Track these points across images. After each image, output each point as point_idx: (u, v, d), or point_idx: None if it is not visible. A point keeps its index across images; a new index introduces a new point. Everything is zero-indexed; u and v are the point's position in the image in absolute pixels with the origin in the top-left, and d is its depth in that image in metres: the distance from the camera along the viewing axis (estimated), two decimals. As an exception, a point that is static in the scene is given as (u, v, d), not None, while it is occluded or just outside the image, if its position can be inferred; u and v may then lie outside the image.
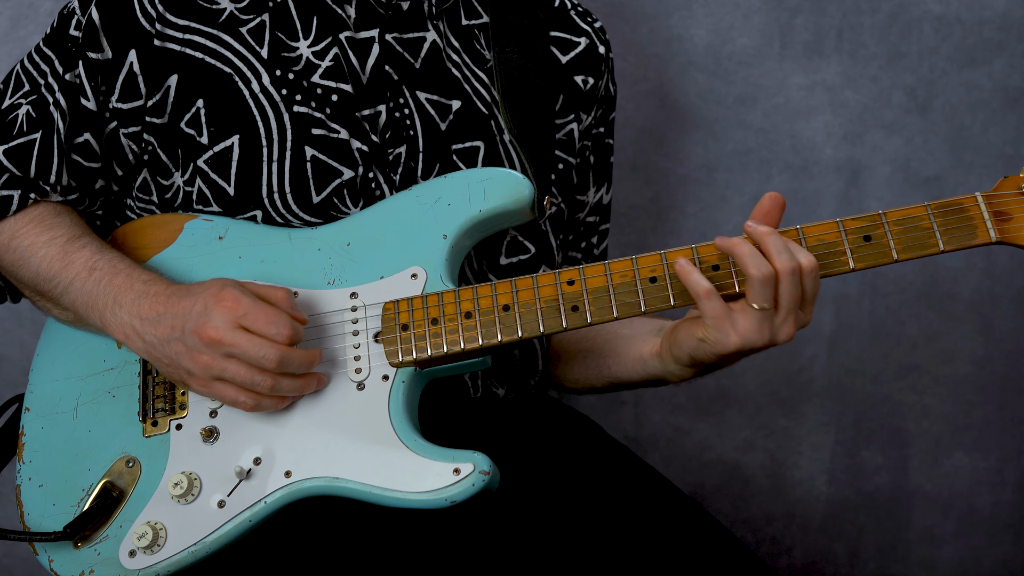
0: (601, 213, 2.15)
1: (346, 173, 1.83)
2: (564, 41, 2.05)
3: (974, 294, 2.83)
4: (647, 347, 1.83)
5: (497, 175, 1.78)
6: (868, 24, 2.71)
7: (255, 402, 1.65)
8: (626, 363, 1.88)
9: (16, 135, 1.85)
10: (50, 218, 1.83)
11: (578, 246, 2.13)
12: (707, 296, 1.60)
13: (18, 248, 1.82)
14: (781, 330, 1.62)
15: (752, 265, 1.57)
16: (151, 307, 1.69)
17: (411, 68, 1.90)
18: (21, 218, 1.83)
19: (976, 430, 2.92)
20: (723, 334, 1.61)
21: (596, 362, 1.96)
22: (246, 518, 1.66)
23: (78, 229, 1.83)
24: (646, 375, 1.85)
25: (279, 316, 1.63)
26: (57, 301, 1.81)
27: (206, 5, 1.86)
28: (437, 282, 1.73)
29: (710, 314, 1.61)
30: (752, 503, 2.94)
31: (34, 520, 1.75)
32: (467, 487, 1.60)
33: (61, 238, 1.80)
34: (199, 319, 1.63)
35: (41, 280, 1.80)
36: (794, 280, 1.58)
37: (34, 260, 1.81)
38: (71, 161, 1.87)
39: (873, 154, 2.76)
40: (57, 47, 1.87)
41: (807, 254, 1.60)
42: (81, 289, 1.76)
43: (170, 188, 1.88)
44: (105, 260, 1.77)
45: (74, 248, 1.79)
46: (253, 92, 1.83)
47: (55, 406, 1.81)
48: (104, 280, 1.75)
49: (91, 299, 1.75)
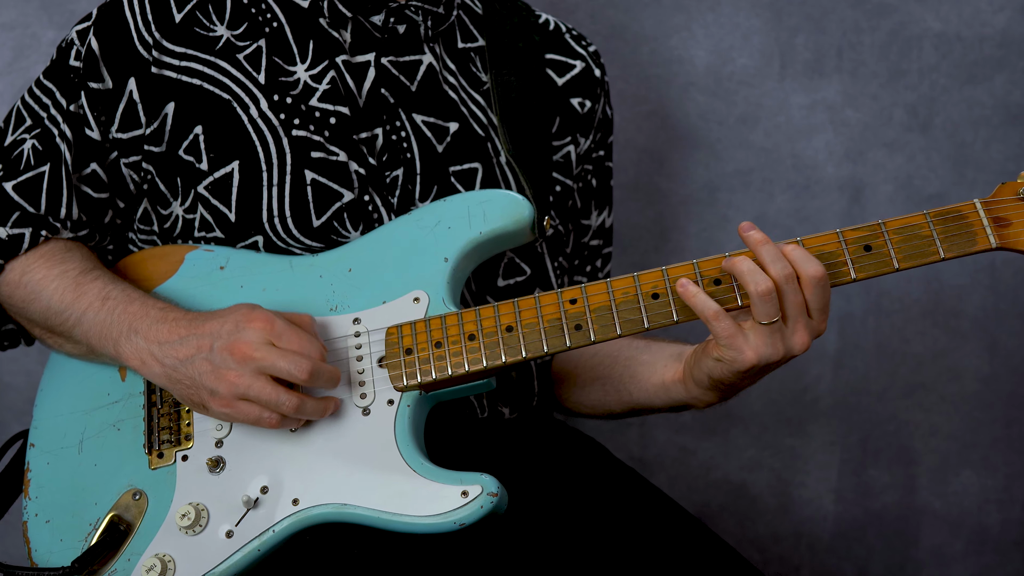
0: (604, 236, 2.15)
1: (346, 195, 1.83)
2: (560, 63, 2.06)
3: (979, 311, 2.83)
4: (668, 373, 1.83)
5: (497, 197, 1.78)
6: (868, 42, 2.71)
7: (277, 422, 1.65)
8: (648, 389, 1.88)
9: (24, 169, 1.85)
10: (61, 253, 1.84)
11: (583, 270, 2.13)
12: (715, 318, 1.60)
13: (29, 283, 1.82)
14: (794, 340, 1.61)
15: (750, 282, 1.57)
16: (171, 331, 1.69)
17: (407, 91, 1.91)
18: (32, 255, 1.84)
19: (984, 447, 2.90)
20: (737, 352, 1.61)
21: (616, 388, 1.95)
22: (255, 547, 1.65)
23: (89, 263, 1.84)
24: (670, 401, 1.84)
25: (311, 339, 1.65)
26: (69, 335, 1.80)
27: (203, 32, 1.87)
28: (439, 305, 1.73)
29: (722, 334, 1.61)
30: (759, 522, 2.93)
31: (42, 556, 1.74)
32: (475, 509, 1.60)
33: (73, 271, 1.81)
34: (230, 336, 1.63)
35: (52, 314, 1.80)
36: (792, 288, 1.58)
37: (45, 293, 1.80)
38: (80, 193, 1.87)
39: (875, 172, 2.76)
40: (58, 79, 1.87)
41: (815, 263, 1.59)
42: (94, 319, 1.76)
43: (169, 217, 1.88)
44: (119, 290, 1.78)
45: (86, 280, 1.79)
46: (252, 117, 1.84)
47: (60, 441, 1.81)
48: (119, 309, 1.75)
49: (104, 328, 1.75)
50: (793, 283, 1.58)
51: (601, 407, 2.01)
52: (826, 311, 1.62)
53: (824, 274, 1.59)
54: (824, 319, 1.63)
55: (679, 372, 1.80)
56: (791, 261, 1.59)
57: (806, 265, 1.59)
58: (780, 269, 1.58)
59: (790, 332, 1.61)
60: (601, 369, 1.99)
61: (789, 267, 1.58)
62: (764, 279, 1.57)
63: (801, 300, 1.60)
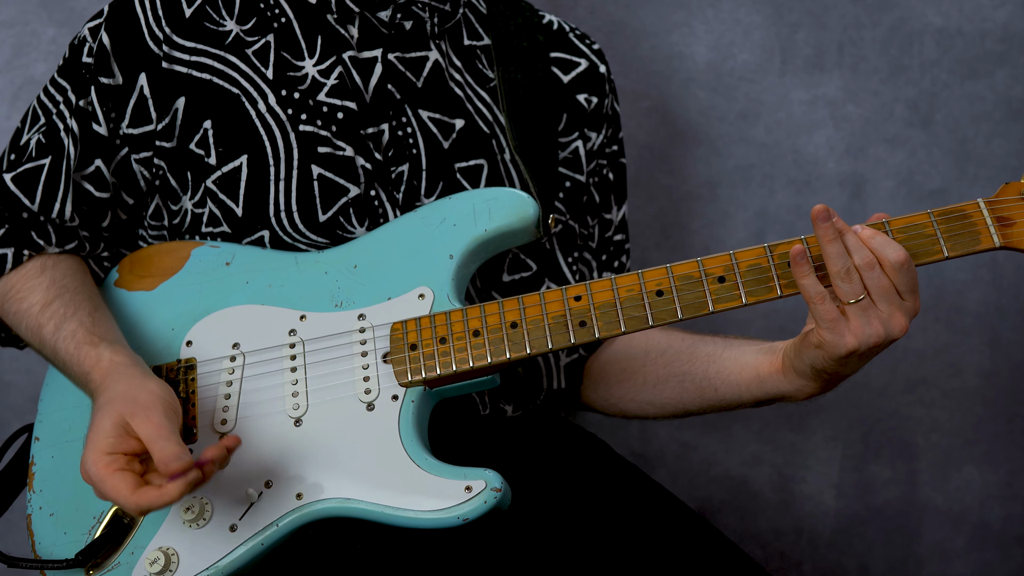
0: (624, 231, 2.16)
1: (352, 190, 1.84)
2: (565, 61, 2.06)
3: (981, 306, 2.83)
4: (764, 366, 1.82)
5: (502, 195, 1.79)
6: (869, 38, 2.71)
7: None
8: (738, 383, 1.86)
9: (26, 161, 1.86)
10: (33, 279, 1.85)
11: (611, 266, 2.13)
12: (821, 300, 1.60)
13: (8, 313, 1.86)
14: (892, 323, 1.61)
15: (831, 261, 1.59)
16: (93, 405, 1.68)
17: (413, 87, 1.91)
18: (13, 276, 1.86)
19: (985, 443, 2.91)
20: (838, 335, 1.61)
21: (697, 384, 1.92)
22: (258, 542, 1.65)
23: (53, 291, 1.83)
24: (764, 394, 1.84)
25: (117, 490, 1.57)
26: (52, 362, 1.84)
27: (212, 27, 1.88)
28: (444, 302, 1.73)
29: (825, 317, 1.61)
30: (760, 518, 2.93)
31: (45, 549, 1.74)
32: (479, 504, 1.60)
33: (36, 306, 1.82)
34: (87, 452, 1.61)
35: (34, 347, 1.85)
36: (876, 273, 1.59)
37: (21, 329, 1.85)
38: (82, 191, 1.88)
39: (876, 168, 2.76)
40: (71, 76, 1.89)
41: (896, 248, 1.59)
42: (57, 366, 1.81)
43: (179, 213, 1.89)
44: (61, 339, 1.77)
45: (44, 320, 1.80)
46: (260, 112, 1.84)
47: (64, 435, 1.81)
48: (61, 364, 1.78)
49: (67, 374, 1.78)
50: (876, 269, 1.59)
51: (675, 405, 1.97)
52: (916, 291, 1.62)
53: (907, 258, 1.60)
54: (916, 299, 1.63)
55: (776, 364, 1.80)
56: (871, 249, 1.60)
57: (887, 251, 1.59)
58: (860, 259, 1.59)
59: (887, 316, 1.61)
60: (676, 365, 1.96)
61: (869, 255, 1.59)
62: (844, 259, 1.59)
63: (887, 284, 1.60)
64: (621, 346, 2.03)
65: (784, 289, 1.65)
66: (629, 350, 2.02)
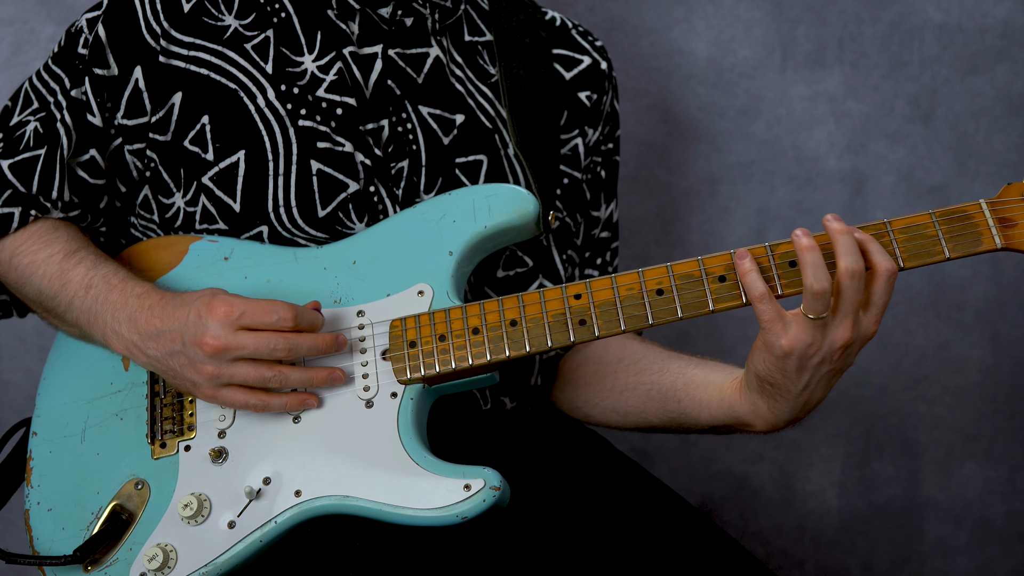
0: (612, 230, 2.15)
1: (352, 186, 1.83)
2: (567, 58, 2.05)
3: (981, 303, 2.83)
4: (727, 386, 1.78)
5: (502, 191, 1.78)
6: (869, 34, 2.71)
7: (264, 403, 1.66)
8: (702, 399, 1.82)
9: (22, 150, 1.86)
10: (48, 234, 1.84)
11: (594, 263, 2.12)
12: (760, 299, 1.59)
13: (19, 267, 1.83)
14: (836, 333, 1.59)
15: (811, 276, 1.56)
16: (148, 321, 1.70)
17: (414, 83, 1.91)
18: (21, 235, 1.84)
19: (987, 439, 2.91)
20: (775, 336, 1.60)
21: (663, 395, 1.89)
22: (257, 538, 1.65)
23: (75, 243, 1.84)
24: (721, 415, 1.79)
25: (274, 303, 1.65)
26: (62, 318, 1.82)
27: (211, 22, 1.87)
28: (444, 299, 1.73)
29: (763, 316, 1.60)
30: (762, 515, 2.93)
31: (43, 545, 1.74)
32: (478, 503, 1.60)
33: (58, 255, 1.81)
34: (196, 329, 1.64)
35: (45, 299, 1.82)
36: (855, 285, 1.57)
37: (35, 279, 1.82)
38: (76, 177, 1.87)
39: (877, 164, 2.76)
40: (65, 65, 1.88)
41: (887, 258, 1.58)
42: (81, 307, 1.77)
43: (171, 208, 1.88)
44: (100, 276, 1.78)
45: (70, 265, 1.80)
46: (259, 107, 1.84)
47: (63, 430, 1.81)
48: (100, 298, 1.76)
49: (92, 317, 1.76)
50: (858, 280, 1.57)
51: (638, 415, 1.95)
52: (881, 311, 1.61)
53: (895, 270, 1.58)
54: (877, 320, 1.61)
55: (738, 382, 1.76)
56: (867, 252, 1.59)
57: (881, 258, 1.58)
58: (852, 262, 1.57)
59: (834, 324, 1.59)
60: (647, 375, 1.94)
61: (861, 262, 1.57)
62: (825, 278, 1.56)
63: (859, 299, 1.58)
64: (596, 350, 2.02)
65: (785, 289, 1.63)
66: (604, 355, 2.01)
